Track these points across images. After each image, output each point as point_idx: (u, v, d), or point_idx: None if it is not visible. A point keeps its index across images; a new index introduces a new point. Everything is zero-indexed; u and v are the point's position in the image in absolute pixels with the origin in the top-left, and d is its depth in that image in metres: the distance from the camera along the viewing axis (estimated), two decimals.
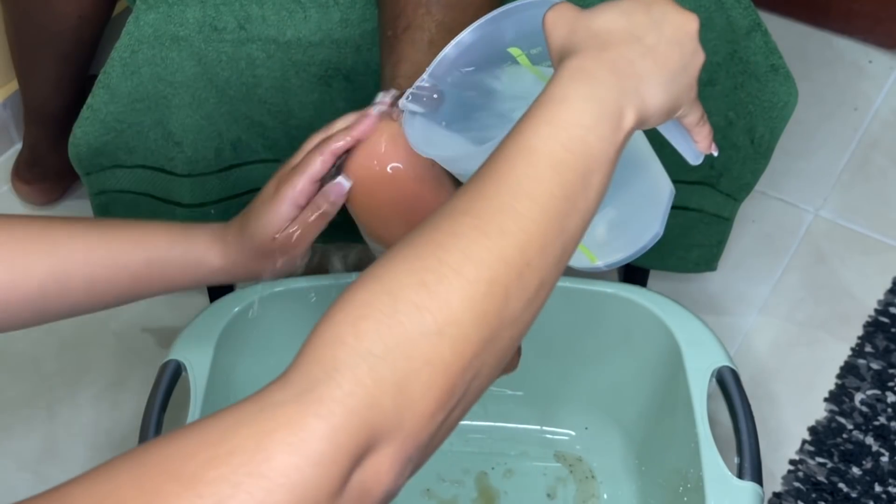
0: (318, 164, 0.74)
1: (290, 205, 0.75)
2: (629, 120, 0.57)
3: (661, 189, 0.74)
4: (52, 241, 0.76)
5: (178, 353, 0.97)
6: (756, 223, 1.36)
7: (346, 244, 1.27)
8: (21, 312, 0.76)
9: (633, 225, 0.73)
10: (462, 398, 0.51)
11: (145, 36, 0.95)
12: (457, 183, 0.73)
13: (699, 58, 0.63)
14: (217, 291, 1.23)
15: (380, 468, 0.48)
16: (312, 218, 0.76)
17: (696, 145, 0.74)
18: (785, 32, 1.55)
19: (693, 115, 0.69)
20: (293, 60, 0.97)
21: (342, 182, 0.72)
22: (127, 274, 0.78)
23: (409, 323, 0.48)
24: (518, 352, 0.81)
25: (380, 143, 0.69)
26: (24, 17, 1.24)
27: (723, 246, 1.18)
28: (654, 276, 1.27)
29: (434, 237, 0.51)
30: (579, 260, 0.72)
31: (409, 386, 0.48)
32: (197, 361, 0.96)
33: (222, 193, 1.06)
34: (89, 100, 1.00)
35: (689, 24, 0.62)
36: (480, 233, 0.51)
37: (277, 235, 0.77)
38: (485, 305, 0.50)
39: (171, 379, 0.95)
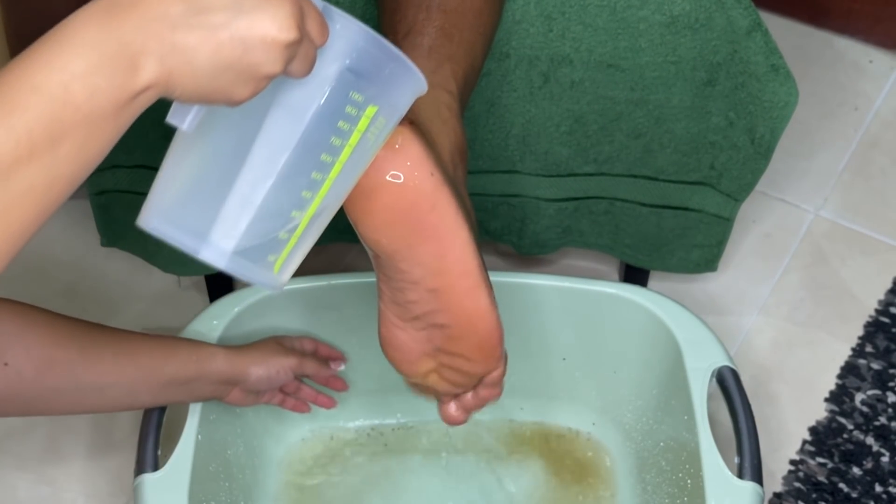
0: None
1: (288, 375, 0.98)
2: (145, 80, 0.51)
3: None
4: (80, 348, 0.83)
5: None
6: (756, 223, 1.36)
7: (346, 245, 1.27)
8: (31, 402, 0.83)
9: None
10: None
11: None
12: (457, 193, 0.73)
13: (261, 70, 0.53)
14: (217, 292, 1.23)
15: None
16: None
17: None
18: (785, 32, 1.54)
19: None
20: None
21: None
22: (147, 391, 0.89)
23: None
24: (503, 371, 0.83)
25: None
26: (24, 17, 1.24)
27: (723, 246, 1.18)
28: (655, 277, 1.27)
29: None
30: (263, 277, 0.63)
31: None
32: None
33: None
34: None
35: (270, 33, 0.52)
36: None
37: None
38: None
39: None
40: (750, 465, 0.90)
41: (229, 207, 0.60)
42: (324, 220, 0.64)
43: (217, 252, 0.60)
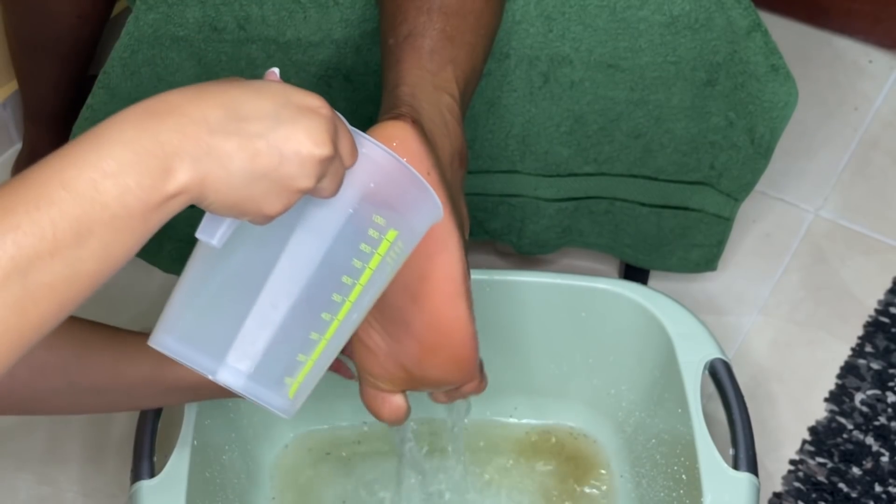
0: None
1: None
2: (177, 184, 0.50)
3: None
4: (76, 352, 0.81)
5: None
6: (756, 223, 1.36)
7: None
8: (25, 403, 0.82)
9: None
10: None
11: (145, 36, 0.95)
12: (451, 197, 0.72)
13: (294, 183, 0.54)
14: None
15: None
16: None
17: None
18: (785, 32, 1.54)
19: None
20: (293, 61, 0.97)
21: None
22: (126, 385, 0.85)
23: None
24: (483, 375, 0.81)
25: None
26: (24, 17, 1.24)
27: (723, 246, 1.18)
28: (655, 277, 1.27)
29: None
30: (274, 400, 0.61)
31: None
32: None
33: None
34: (89, 100, 1.00)
35: (306, 147, 0.53)
36: None
37: None
38: None
39: None
40: (745, 456, 0.91)
41: (248, 328, 0.58)
42: (339, 344, 0.63)
43: (234, 374, 0.58)
